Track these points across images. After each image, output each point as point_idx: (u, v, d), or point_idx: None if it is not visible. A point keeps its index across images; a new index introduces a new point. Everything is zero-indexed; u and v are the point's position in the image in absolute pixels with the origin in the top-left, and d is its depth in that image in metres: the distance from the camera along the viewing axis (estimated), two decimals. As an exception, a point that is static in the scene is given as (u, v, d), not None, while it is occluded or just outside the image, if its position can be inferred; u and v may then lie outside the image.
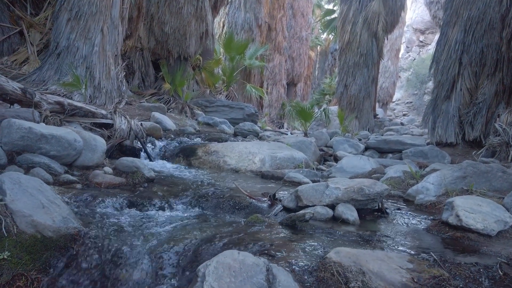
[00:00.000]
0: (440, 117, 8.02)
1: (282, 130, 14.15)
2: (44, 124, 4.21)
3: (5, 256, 2.26)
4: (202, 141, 6.87)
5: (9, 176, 2.58)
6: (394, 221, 3.23)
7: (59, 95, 6.01)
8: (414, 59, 37.25)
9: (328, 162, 7.35)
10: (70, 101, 5.37)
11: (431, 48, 31.26)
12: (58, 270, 2.33)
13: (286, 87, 24.58)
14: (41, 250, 2.37)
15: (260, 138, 8.56)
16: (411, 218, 3.32)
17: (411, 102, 33.35)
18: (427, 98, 27.79)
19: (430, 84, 28.61)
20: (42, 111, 4.64)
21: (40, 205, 2.54)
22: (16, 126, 3.64)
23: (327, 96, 22.17)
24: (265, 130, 10.85)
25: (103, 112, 5.92)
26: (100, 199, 3.26)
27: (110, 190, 3.66)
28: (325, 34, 32.74)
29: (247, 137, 8.44)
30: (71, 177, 3.74)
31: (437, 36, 15.63)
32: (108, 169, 4.19)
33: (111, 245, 2.44)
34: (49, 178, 3.49)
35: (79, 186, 3.66)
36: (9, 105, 4.73)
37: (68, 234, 2.48)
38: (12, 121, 3.67)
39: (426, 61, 28.34)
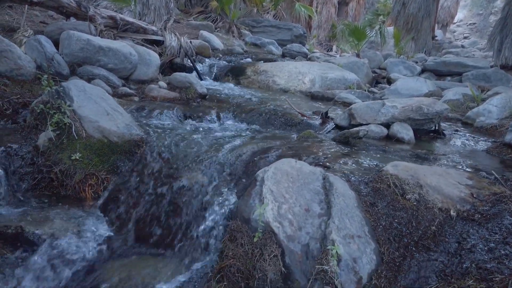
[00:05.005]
0: (508, 37, 7.29)
1: (330, 53, 13.49)
2: (100, 38, 4.28)
3: (77, 157, 2.47)
4: (251, 61, 6.76)
5: (75, 84, 2.70)
6: (451, 142, 3.14)
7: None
8: (484, -27, 33.10)
9: (380, 84, 7.07)
10: (122, 16, 5.38)
11: (506, -40, 27.39)
12: (125, 172, 2.52)
13: (337, 6, 22.98)
14: (108, 153, 2.56)
15: (309, 59, 8.27)
16: (469, 140, 3.20)
17: (474, 24, 30.33)
18: (493, 19, 25.18)
19: (499, 3, 25.69)
20: (97, 25, 4.70)
21: (104, 112, 2.68)
22: (76, 38, 3.74)
23: (381, 17, 20.54)
24: (313, 52, 10.44)
25: (154, 28, 5.91)
26: (158, 111, 3.39)
27: (166, 103, 3.77)
28: None
29: (296, 58, 8.19)
30: (128, 90, 3.88)
31: None
32: (162, 83, 4.28)
33: (172, 152, 2.58)
34: (109, 90, 3.64)
35: (136, 98, 3.81)
36: (65, 19, 4.83)
37: (132, 140, 2.64)
38: (71, 33, 3.77)
39: (498, -25, 25.18)
